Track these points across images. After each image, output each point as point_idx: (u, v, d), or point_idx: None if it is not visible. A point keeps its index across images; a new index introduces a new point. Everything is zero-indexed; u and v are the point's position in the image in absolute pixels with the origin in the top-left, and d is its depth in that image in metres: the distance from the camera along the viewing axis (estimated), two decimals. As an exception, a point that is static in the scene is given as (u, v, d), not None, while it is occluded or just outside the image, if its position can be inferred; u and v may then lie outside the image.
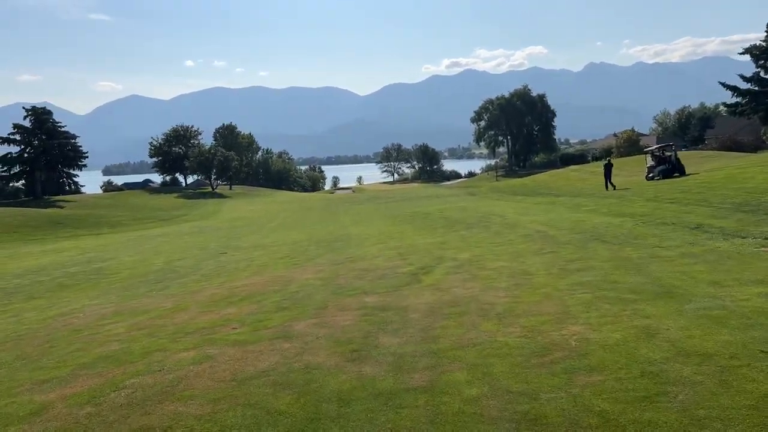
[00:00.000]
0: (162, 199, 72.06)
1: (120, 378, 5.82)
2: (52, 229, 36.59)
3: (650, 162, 31.10)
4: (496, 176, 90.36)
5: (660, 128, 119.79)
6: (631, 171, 43.26)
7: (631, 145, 77.02)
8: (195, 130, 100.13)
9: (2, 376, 6.40)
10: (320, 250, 18.11)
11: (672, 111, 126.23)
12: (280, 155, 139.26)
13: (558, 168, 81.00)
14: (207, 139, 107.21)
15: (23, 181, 73.62)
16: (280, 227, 30.94)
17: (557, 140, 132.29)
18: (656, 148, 30.91)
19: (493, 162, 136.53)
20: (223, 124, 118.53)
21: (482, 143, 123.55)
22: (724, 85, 40.08)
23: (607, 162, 32.15)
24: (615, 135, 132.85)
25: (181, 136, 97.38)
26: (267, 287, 11.04)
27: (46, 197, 64.22)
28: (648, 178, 30.66)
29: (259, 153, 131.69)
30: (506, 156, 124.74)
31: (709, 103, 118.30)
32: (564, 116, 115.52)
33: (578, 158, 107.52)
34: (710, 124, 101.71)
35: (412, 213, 30.34)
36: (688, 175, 28.80)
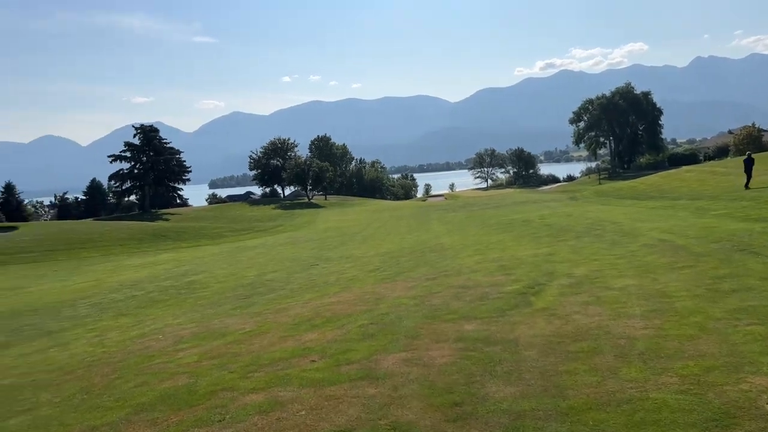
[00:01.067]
0: (260, 210, 74.10)
1: (174, 429, 4.86)
2: (155, 241, 38.03)
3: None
4: (599, 179, 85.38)
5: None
6: (759, 171, 38.73)
7: (751, 142, 70.01)
8: (291, 143, 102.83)
9: (52, 417, 5.68)
10: (412, 263, 16.91)
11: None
12: (372, 164, 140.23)
13: (666, 169, 75.22)
14: (303, 151, 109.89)
15: (136, 196, 78.59)
16: (371, 237, 30.13)
17: (663, 140, 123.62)
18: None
19: (593, 164, 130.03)
20: (318, 136, 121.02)
21: (582, 145, 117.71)
22: None
23: (747, 157, 28.72)
24: (730, 132, 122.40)
25: (278, 148, 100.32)
26: (354, 307, 9.96)
27: (154, 210, 67.91)
28: (783, 177, 26.95)
29: (353, 163, 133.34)
30: (608, 158, 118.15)
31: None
32: (669, 115, 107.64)
33: (689, 158, 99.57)
34: None
35: (510, 220, 28.48)
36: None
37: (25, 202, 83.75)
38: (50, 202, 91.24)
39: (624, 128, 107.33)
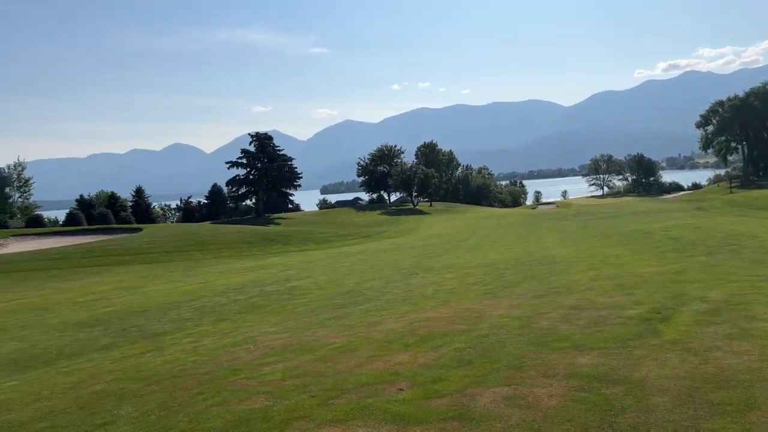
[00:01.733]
0: (366, 215, 74.94)
1: (239, 463, 4.36)
2: (265, 245, 39.24)
3: None
4: (730, 187, 77.99)
5: None
6: None
7: None
8: (398, 149, 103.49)
9: (122, 436, 5.41)
10: (518, 276, 15.78)
11: None
12: (479, 171, 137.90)
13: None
14: (410, 158, 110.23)
15: (251, 201, 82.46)
16: (475, 246, 29.04)
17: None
18: None
19: (722, 172, 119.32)
20: (425, 143, 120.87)
21: (710, 150, 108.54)
22: None
23: None
24: None
25: (385, 155, 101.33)
26: (451, 325, 9.17)
27: (267, 215, 70.73)
28: None
29: (459, 169, 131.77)
30: (740, 164, 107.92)
31: None
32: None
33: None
34: None
35: (630, 232, 26.28)
36: None
37: (153, 206, 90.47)
38: (176, 205, 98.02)
39: (760, 132, 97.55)
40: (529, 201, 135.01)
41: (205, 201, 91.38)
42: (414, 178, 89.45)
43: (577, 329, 7.85)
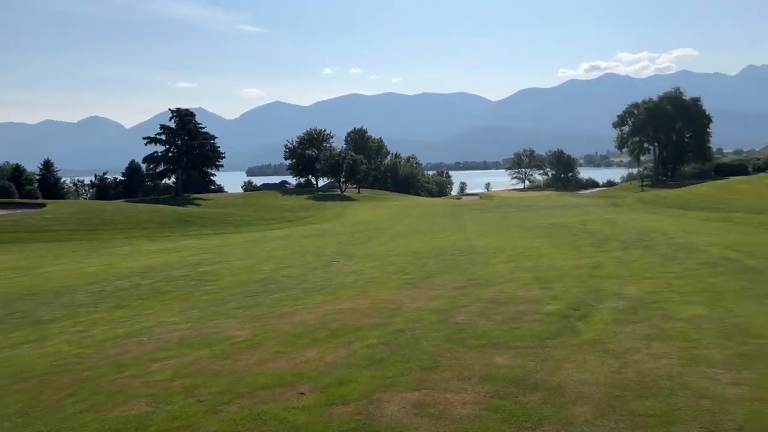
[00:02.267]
0: (292, 199, 73.48)
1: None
2: (180, 226, 37.38)
3: None
4: (641, 186, 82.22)
5: None
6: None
7: (810, 154, 66.02)
8: (327, 134, 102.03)
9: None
10: (440, 266, 15.51)
11: None
12: (408, 160, 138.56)
13: (712, 179, 71.74)
14: (340, 143, 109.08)
15: (171, 180, 78.84)
16: (400, 234, 28.77)
17: (710, 149, 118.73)
18: None
19: (635, 171, 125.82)
20: (354, 128, 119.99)
21: (625, 150, 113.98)
22: None
23: None
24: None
25: (314, 139, 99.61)
26: (366, 317, 8.64)
27: (186, 195, 67.81)
28: None
29: (388, 157, 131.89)
30: (651, 164, 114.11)
31: None
32: (717, 124, 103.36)
33: (737, 169, 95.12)
34: None
35: (548, 224, 26.77)
36: None
37: (64, 180, 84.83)
38: (90, 181, 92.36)
39: (670, 135, 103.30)
40: (455, 191, 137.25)
41: (122, 178, 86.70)
42: (343, 164, 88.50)
43: (494, 325, 7.52)
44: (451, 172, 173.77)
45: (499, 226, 29.18)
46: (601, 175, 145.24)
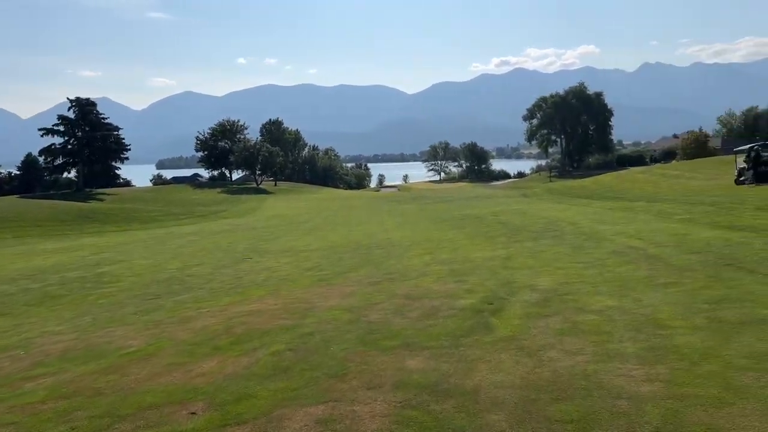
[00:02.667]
0: (205, 193, 70.87)
1: None
2: (80, 223, 34.84)
3: (741, 164, 26.82)
4: (550, 177, 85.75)
5: (725, 130, 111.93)
6: (708, 174, 38.73)
7: (698, 146, 71.33)
8: (241, 125, 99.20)
9: None
10: (356, 260, 15.15)
11: (738, 112, 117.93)
12: (326, 152, 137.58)
13: (613, 170, 76.04)
14: (255, 135, 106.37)
15: (71, 173, 73.77)
16: (317, 228, 28.19)
17: (612, 141, 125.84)
18: (750, 147, 26.61)
19: (543, 162, 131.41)
20: (270, 120, 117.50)
21: (534, 142, 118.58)
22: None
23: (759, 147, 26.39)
24: (675, 136, 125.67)
25: (227, 130, 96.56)
26: (275, 320, 8.11)
27: (89, 190, 63.66)
28: (738, 182, 26.45)
29: (306, 149, 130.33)
30: (558, 156, 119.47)
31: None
32: (616, 117, 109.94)
33: (636, 160, 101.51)
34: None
35: (463, 216, 27.09)
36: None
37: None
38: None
39: (575, 127, 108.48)
40: (373, 184, 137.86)
41: (18, 172, 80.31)
42: (258, 156, 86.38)
43: (408, 323, 7.22)
44: (369, 165, 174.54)
45: (416, 218, 29.24)
46: (512, 166, 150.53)
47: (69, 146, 66.71)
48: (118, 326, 8.93)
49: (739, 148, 28.26)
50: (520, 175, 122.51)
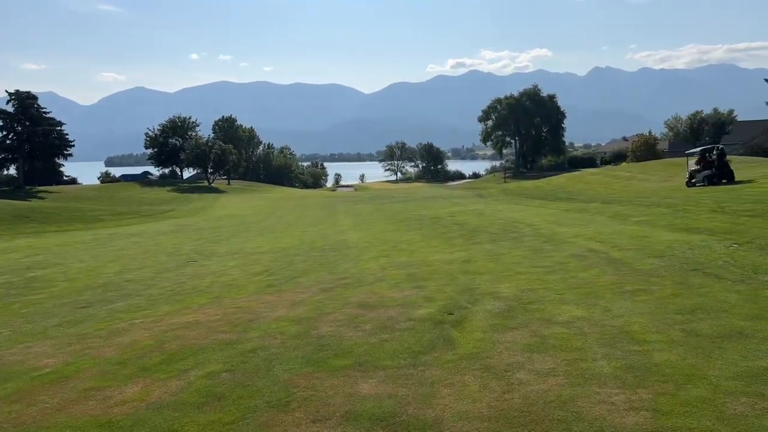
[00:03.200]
0: (154, 192, 68.49)
1: None
2: (15, 223, 32.77)
3: (692, 166, 27.25)
4: (504, 178, 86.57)
5: (671, 133, 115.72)
6: (659, 176, 39.52)
7: (647, 149, 73.23)
8: (193, 122, 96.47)
9: None
10: (308, 263, 14.42)
11: (683, 116, 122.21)
12: (281, 150, 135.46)
13: (566, 171, 77.32)
14: (209, 132, 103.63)
15: (10, 170, 70.09)
16: (269, 229, 27.23)
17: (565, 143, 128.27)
18: (701, 150, 27.06)
19: (498, 163, 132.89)
20: (223, 117, 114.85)
21: (489, 143, 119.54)
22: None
23: (719, 151, 26.63)
24: (625, 139, 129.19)
25: (177, 127, 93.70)
26: (214, 333, 7.33)
27: (29, 187, 60.51)
28: (689, 184, 26.86)
29: (260, 148, 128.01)
30: (512, 157, 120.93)
31: (723, 109, 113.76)
32: (568, 120, 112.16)
33: (587, 162, 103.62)
34: (725, 130, 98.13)
35: (419, 216, 26.64)
36: (738, 182, 25.04)
37: None
38: None
39: (529, 129, 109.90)
40: (330, 183, 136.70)
41: (-50, 169, 75.73)
42: (210, 154, 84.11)
43: (362, 337, 6.56)
44: (326, 164, 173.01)
45: (372, 219, 28.63)
46: (467, 167, 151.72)
47: (8, 141, 63.25)
48: (37, 341, 7.97)
49: (691, 150, 28.80)
50: (475, 175, 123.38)
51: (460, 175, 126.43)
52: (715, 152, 26.40)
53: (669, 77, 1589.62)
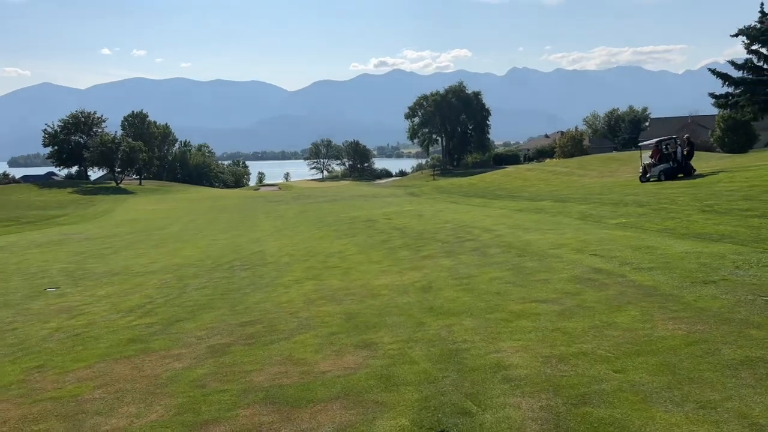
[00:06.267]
0: (51, 194, 61.17)
1: None
2: None
3: (647, 160, 25.15)
4: (433, 175, 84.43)
5: (590, 130, 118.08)
6: (599, 171, 37.86)
7: (574, 145, 73.03)
8: (98, 117, 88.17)
9: None
10: (206, 291, 10.58)
11: (601, 113, 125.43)
12: (199, 148, 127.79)
13: (491, 168, 76.11)
14: (119, 130, 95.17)
15: None
16: (172, 237, 22.80)
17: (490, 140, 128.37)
18: (657, 141, 24.98)
19: (424, 161, 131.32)
20: (133, 112, 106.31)
21: (416, 141, 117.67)
22: (714, 72, 34.79)
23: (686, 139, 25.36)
24: (547, 136, 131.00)
25: (81, 123, 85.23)
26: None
27: None
28: (643, 179, 24.74)
29: (177, 146, 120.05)
30: (438, 155, 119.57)
31: (637, 107, 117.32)
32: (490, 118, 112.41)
33: (512, 158, 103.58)
34: (641, 126, 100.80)
35: (351, 219, 23.09)
36: (697, 176, 23.10)
37: None
38: None
39: (455, 126, 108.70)
40: (253, 182, 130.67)
41: None
42: (117, 152, 76.71)
43: None
44: (249, 162, 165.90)
45: (297, 222, 24.79)
46: (393, 165, 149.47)
47: None
48: None
49: (645, 142, 26.74)
50: (402, 173, 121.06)
51: (387, 173, 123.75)
52: (672, 144, 24.38)
53: (581, 78, 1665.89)
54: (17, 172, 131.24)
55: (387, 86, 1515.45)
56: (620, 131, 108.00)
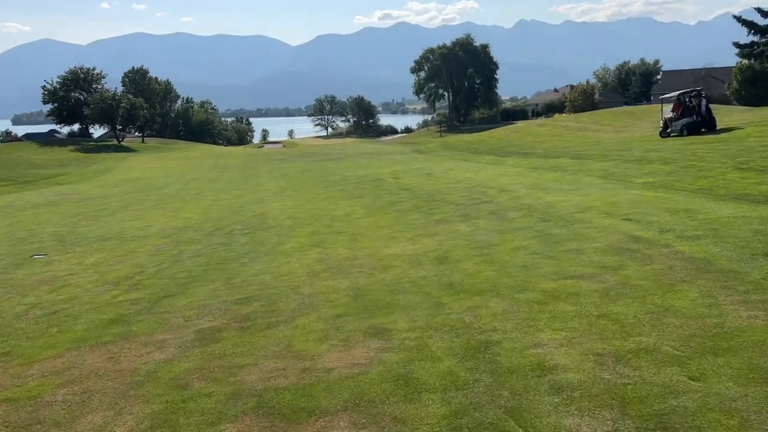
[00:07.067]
0: (52, 153, 60.26)
1: None
2: None
3: (668, 113, 23.83)
4: (440, 132, 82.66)
5: (600, 84, 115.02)
6: (614, 126, 36.47)
7: (586, 99, 71.05)
8: (98, 73, 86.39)
9: None
10: (201, 260, 9.75)
11: (611, 67, 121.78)
12: (202, 105, 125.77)
13: (499, 124, 74.25)
14: (120, 86, 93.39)
15: None
16: (171, 197, 21.93)
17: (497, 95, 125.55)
18: (679, 94, 23.61)
19: (429, 117, 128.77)
20: (134, 68, 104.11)
21: (422, 96, 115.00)
22: (739, 19, 33.10)
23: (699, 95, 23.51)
24: (556, 90, 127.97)
25: (80, 79, 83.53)
26: None
27: None
28: (663, 134, 23.50)
29: (179, 102, 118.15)
30: (444, 111, 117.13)
31: (649, 59, 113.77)
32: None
33: (519, 113, 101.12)
34: (652, 80, 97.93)
35: (357, 178, 22.12)
36: (720, 131, 21.87)
37: None
38: None
39: (462, 81, 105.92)
40: (257, 140, 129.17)
41: None
42: (117, 108, 75.27)
43: None
44: (252, 119, 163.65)
45: (301, 182, 23.83)
46: (399, 121, 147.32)
47: None
48: None
49: (667, 95, 25.33)
50: (408, 130, 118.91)
51: (392, 130, 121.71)
52: (695, 96, 23.04)
53: (590, 30, 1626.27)
54: (20, 130, 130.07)
55: (392, 40, 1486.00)
56: (631, 85, 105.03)
